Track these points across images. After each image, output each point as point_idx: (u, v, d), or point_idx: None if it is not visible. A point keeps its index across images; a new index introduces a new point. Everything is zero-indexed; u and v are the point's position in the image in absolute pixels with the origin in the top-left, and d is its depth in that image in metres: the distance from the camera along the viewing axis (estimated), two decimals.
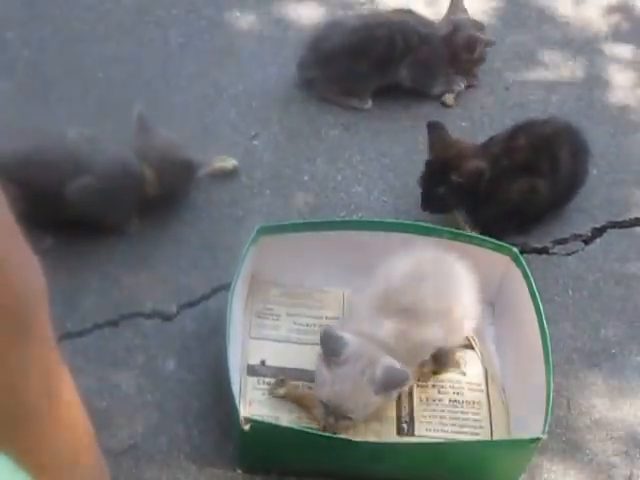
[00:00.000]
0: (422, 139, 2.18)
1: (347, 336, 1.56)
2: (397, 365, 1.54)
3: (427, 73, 2.29)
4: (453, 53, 2.29)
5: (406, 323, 1.58)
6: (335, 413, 1.53)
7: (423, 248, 1.68)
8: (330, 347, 1.54)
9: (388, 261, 1.67)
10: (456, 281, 1.67)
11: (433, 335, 1.61)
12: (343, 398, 1.52)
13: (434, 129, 1.98)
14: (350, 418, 1.54)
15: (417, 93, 2.30)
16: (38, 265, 0.65)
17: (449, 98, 2.30)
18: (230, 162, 2.06)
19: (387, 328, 1.57)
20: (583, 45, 2.49)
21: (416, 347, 1.60)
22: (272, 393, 1.65)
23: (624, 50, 2.50)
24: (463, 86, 2.33)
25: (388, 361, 1.53)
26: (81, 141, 1.87)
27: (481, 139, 2.05)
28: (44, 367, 0.69)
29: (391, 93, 2.30)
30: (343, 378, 1.52)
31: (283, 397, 1.64)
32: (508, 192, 1.93)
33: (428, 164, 1.95)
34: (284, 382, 1.65)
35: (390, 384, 1.53)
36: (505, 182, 1.93)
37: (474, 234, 1.82)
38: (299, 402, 1.63)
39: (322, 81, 2.27)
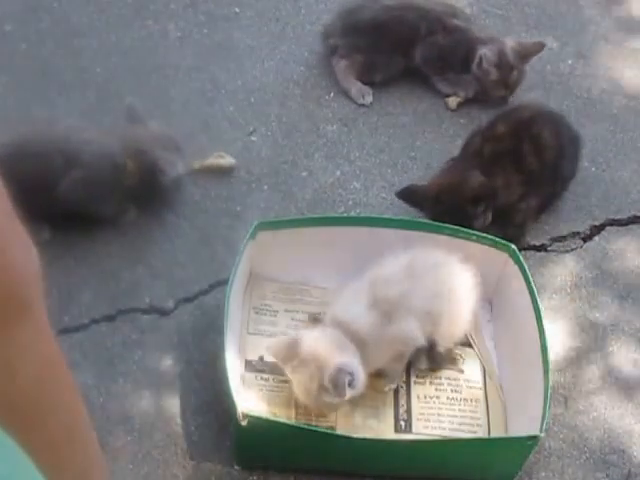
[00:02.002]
0: (420, 135, 2.19)
1: (301, 337, 1.56)
2: (344, 362, 1.51)
3: (439, 59, 2.28)
4: (469, 59, 2.26)
5: (383, 316, 1.58)
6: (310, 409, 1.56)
7: (424, 247, 1.68)
8: (281, 356, 1.56)
9: (386, 257, 1.67)
10: (451, 286, 1.66)
11: (409, 333, 1.60)
12: (305, 401, 1.55)
13: (406, 195, 1.93)
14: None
15: (415, 88, 2.30)
16: (34, 249, 0.65)
17: (452, 102, 2.27)
18: (227, 159, 2.05)
19: (362, 318, 1.57)
20: (582, 43, 2.49)
21: (389, 342, 1.60)
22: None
23: (623, 47, 2.50)
24: (470, 94, 2.28)
25: (336, 363, 1.51)
26: (69, 132, 1.88)
27: None
28: (42, 351, 0.69)
29: (389, 88, 2.30)
30: (298, 383, 1.54)
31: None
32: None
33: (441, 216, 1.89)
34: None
35: (339, 389, 1.50)
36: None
37: (472, 231, 1.80)
38: None
39: (343, 50, 2.29)
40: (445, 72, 2.29)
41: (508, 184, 1.92)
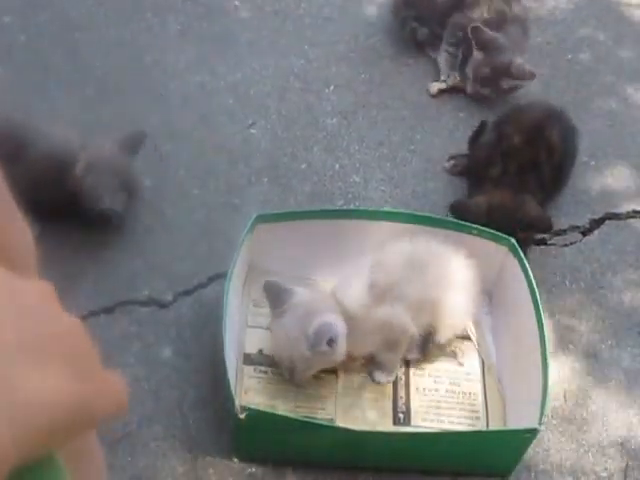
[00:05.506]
0: (420, 129, 2.19)
1: (295, 289, 1.59)
2: (334, 320, 1.52)
3: (464, 35, 2.28)
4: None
5: (375, 299, 1.58)
6: (282, 365, 1.58)
7: (422, 237, 1.68)
8: (272, 297, 1.58)
9: (391, 243, 1.68)
10: (449, 277, 1.66)
11: (394, 319, 1.59)
12: (278, 349, 1.58)
13: (458, 210, 1.88)
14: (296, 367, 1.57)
15: (415, 82, 2.30)
16: (29, 231, 0.66)
17: (433, 87, 2.27)
18: None
19: (355, 298, 1.57)
20: (579, 41, 2.49)
21: (376, 326, 1.59)
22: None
23: (622, 46, 2.50)
24: (450, 83, 2.28)
25: (325, 317, 1.52)
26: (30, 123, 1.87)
27: None
28: None
29: (388, 84, 2.30)
30: (278, 329, 1.57)
31: None
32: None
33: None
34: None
35: (319, 340, 1.50)
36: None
37: (473, 225, 1.80)
38: None
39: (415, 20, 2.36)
40: (458, 47, 2.30)
41: (532, 195, 1.91)
